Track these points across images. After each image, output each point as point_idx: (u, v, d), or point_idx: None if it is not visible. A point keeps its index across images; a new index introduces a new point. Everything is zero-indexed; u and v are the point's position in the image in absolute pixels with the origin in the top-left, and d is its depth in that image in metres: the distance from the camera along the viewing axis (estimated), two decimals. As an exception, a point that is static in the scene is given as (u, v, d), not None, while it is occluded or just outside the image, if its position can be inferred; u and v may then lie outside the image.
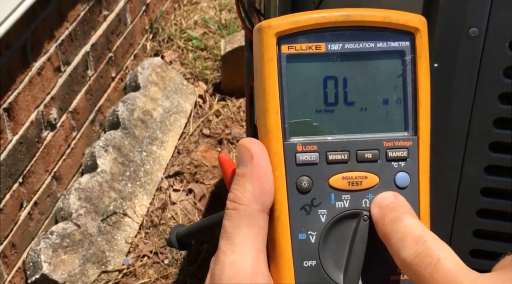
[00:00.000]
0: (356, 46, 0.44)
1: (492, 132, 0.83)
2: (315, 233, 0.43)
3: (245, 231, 0.42)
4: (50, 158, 2.04)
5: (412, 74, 0.45)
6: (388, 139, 0.45)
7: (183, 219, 2.22)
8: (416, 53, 0.45)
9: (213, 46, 2.92)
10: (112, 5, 2.43)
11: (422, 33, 0.45)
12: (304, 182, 0.43)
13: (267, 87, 0.43)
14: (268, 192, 0.42)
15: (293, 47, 0.44)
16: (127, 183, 2.22)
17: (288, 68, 0.44)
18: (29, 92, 1.89)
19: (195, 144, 2.50)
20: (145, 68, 2.57)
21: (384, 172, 0.44)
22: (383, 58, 0.45)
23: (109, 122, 2.39)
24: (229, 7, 3.14)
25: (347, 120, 0.45)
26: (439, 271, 0.37)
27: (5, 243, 1.82)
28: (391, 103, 0.45)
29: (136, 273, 2.06)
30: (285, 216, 0.43)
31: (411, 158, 0.45)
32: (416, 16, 0.45)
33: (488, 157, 0.85)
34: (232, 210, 0.42)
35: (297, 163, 0.43)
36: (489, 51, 0.80)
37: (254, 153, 0.43)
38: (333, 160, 0.44)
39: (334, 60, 0.44)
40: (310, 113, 0.44)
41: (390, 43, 0.45)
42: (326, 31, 0.44)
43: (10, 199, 1.83)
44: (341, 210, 0.44)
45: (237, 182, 0.43)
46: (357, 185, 0.44)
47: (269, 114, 0.43)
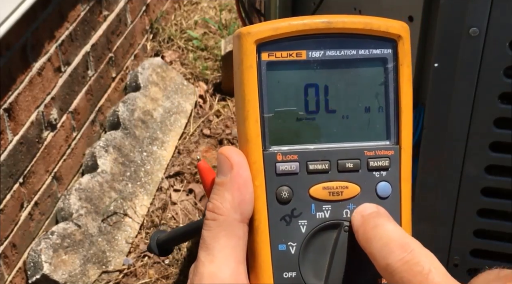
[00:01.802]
0: (338, 53, 0.44)
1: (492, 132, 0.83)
2: (295, 244, 0.43)
3: (223, 242, 0.41)
4: (51, 158, 2.04)
5: (394, 82, 0.44)
6: (370, 148, 0.44)
7: (183, 219, 2.22)
8: (398, 60, 0.44)
9: (214, 46, 2.92)
10: (112, 5, 2.43)
11: (404, 40, 0.44)
12: (284, 192, 0.43)
13: (246, 95, 0.43)
14: (247, 201, 0.42)
15: (273, 54, 0.43)
16: (127, 183, 2.22)
17: (268, 76, 0.43)
18: (30, 93, 1.89)
19: (195, 144, 2.50)
20: (145, 68, 2.57)
21: (365, 182, 0.44)
22: (365, 66, 0.44)
23: (109, 122, 2.39)
24: (230, 7, 3.14)
25: (328, 129, 0.44)
26: (430, 282, 0.37)
27: (5, 243, 1.82)
28: (373, 112, 0.44)
29: (136, 273, 2.06)
30: (265, 227, 0.42)
31: (392, 168, 0.44)
32: (398, 23, 0.45)
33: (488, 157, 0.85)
34: (211, 221, 0.42)
35: (277, 173, 0.43)
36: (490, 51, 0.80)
37: (234, 162, 0.42)
38: (314, 170, 0.43)
39: (315, 67, 0.44)
40: (290, 121, 0.44)
41: (372, 50, 0.44)
42: (307, 39, 0.43)
43: (11, 199, 1.83)
44: (322, 221, 0.43)
45: (216, 192, 0.42)
46: (338, 195, 0.43)
47: (248, 123, 0.43)
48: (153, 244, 0.69)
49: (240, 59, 0.43)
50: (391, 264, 0.39)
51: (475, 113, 0.83)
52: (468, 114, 0.83)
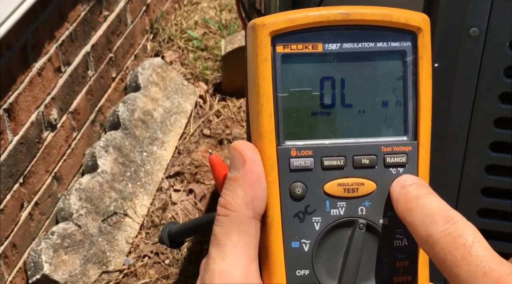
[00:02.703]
0: (355, 46, 0.42)
1: (492, 132, 0.83)
2: (308, 241, 0.42)
3: (235, 238, 0.40)
4: (51, 158, 2.04)
5: (413, 75, 0.43)
6: (387, 144, 0.43)
7: (183, 219, 2.22)
8: (417, 53, 0.43)
9: (214, 46, 2.92)
10: (112, 6, 2.43)
11: (424, 32, 0.43)
12: (298, 189, 0.42)
13: (260, 89, 0.41)
14: (260, 198, 0.41)
15: (288, 46, 0.42)
16: (127, 184, 2.22)
17: (283, 69, 0.42)
18: (30, 93, 1.89)
19: (195, 144, 2.50)
20: (145, 69, 2.57)
21: (381, 178, 0.42)
22: (383, 59, 0.43)
23: (109, 122, 2.39)
24: (230, 7, 3.14)
25: (344, 123, 0.43)
26: (473, 255, 0.36)
27: (6, 243, 1.82)
28: (390, 106, 0.43)
29: (137, 273, 2.06)
30: (278, 223, 0.41)
31: (410, 164, 0.43)
32: (418, 14, 0.43)
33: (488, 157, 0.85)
34: (223, 216, 0.41)
35: (291, 169, 0.42)
36: (490, 51, 0.80)
37: (247, 157, 0.41)
38: (329, 166, 0.42)
39: (331, 60, 0.42)
40: (305, 115, 0.42)
41: (390, 43, 0.43)
42: (323, 30, 0.42)
43: (11, 199, 1.83)
44: (336, 218, 0.42)
45: (228, 187, 0.41)
46: (353, 192, 0.42)
47: (262, 117, 0.41)
48: (165, 235, 0.69)
49: (254, 51, 0.42)
50: (432, 234, 0.38)
51: (475, 113, 0.83)
52: (468, 114, 0.83)
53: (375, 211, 0.42)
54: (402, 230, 0.42)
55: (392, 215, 0.42)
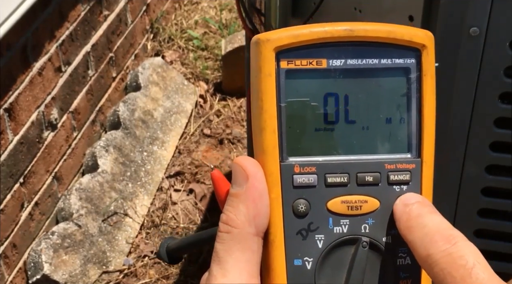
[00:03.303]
0: (359, 62, 0.42)
1: (492, 132, 0.83)
2: (311, 259, 0.41)
3: (237, 255, 0.40)
4: (51, 158, 2.04)
5: (417, 92, 0.43)
6: (390, 161, 0.42)
7: (184, 219, 2.22)
8: (422, 70, 0.43)
9: (214, 46, 2.92)
10: (112, 5, 2.43)
11: (428, 49, 0.43)
12: (301, 206, 0.41)
13: (264, 104, 0.41)
14: (263, 215, 0.40)
15: (292, 62, 0.42)
16: (128, 183, 2.22)
17: (287, 84, 0.42)
18: (30, 92, 1.89)
19: (196, 144, 2.50)
20: (145, 68, 2.57)
21: (385, 196, 0.42)
22: (387, 76, 0.43)
23: (110, 122, 2.39)
24: (230, 7, 3.14)
25: (347, 140, 0.43)
26: (473, 277, 0.36)
27: (6, 243, 1.82)
28: (394, 123, 0.43)
29: (137, 274, 2.06)
30: (280, 241, 0.41)
31: (413, 182, 0.43)
32: (422, 31, 0.43)
33: (488, 157, 0.85)
34: (225, 233, 0.40)
35: (294, 185, 0.41)
36: (490, 50, 0.80)
37: (250, 173, 0.41)
38: (332, 183, 0.42)
39: (335, 76, 0.42)
40: (309, 132, 0.42)
41: (394, 59, 0.43)
42: (327, 46, 0.42)
43: (11, 199, 1.83)
44: (339, 236, 0.42)
45: (231, 203, 0.41)
46: (356, 209, 0.42)
47: (265, 133, 0.41)
48: (163, 251, 0.68)
49: (258, 66, 0.41)
50: (432, 254, 0.37)
51: (475, 113, 0.83)
52: (469, 114, 0.83)
53: (378, 229, 0.42)
54: (405, 249, 0.42)
55: (395, 233, 0.42)
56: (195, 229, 2.20)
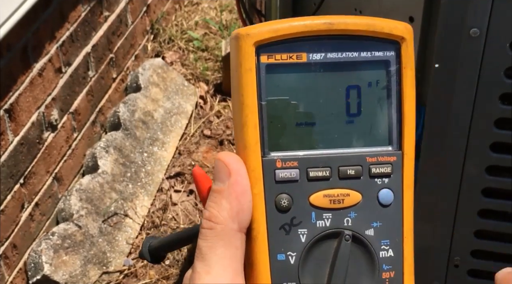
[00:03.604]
0: (339, 55, 0.42)
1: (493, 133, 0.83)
2: (294, 253, 0.41)
3: (220, 252, 0.40)
4: (51, 159, 2.04)
5: (397, 85, 0.43)
6: (372, 154, 0.43)
7: (184, 220, 2.22)
8: (401, 63, 0.43)
9: (214, 47, 2.92)
10: (113, 6, 2.43)
11: (408, 42, 0.43)
12: (284, 200, 0.41)
13: (245, 99, 0.41)
14: (245, 210, 0.40)
15: (272, 56, 0.42)
16: (128, 184, 2.22)
17: (267, 79, 0.41)
18: (30, 93, 1.89)
19: (196, 145, 2.50)
20: (146, 69, 2.57)
21: (367, 189, 0.42)
22: (367, 69, 0.43)
23: (110, 123, 2.39)
24: (230, 7, 3.14)
25: (329, 134, 0.43)
26: None
27: (6, 244, 1.82)
28: (374, 116, 0.43)
29: (137, 274, 2.06)
30: (263, 236, 0.41)
31: (395, 174, 0.43)
32: (401, 24, 0.43)
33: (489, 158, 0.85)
34: (208, 229, 0.40)
35: (276, 180, 0.41)
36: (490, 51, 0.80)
37: (232, 169, 0.41)
38: (314, 177, 0.42)
39: (315, 70, 0.42)
40: (290, 126, 0.42)
41: (374, 52, 0.43)
42: (307, 40, 0.42)
43: (11, 200, 1.83)
44: (322, 230, 0.42)
45: (213, 199, 0.41)
46: (339, 203, 0.42)
47: (247, 128, 0.41)
48: (145, 250, 0.68)
49: (238, 61, 0.42)
50: None
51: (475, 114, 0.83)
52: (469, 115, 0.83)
53: (361, 222, 0.42)
54: (387, 241, 0.43)
55: (377, 226, 0.42)
56: (195, 230, 2.20)
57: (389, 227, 0.43)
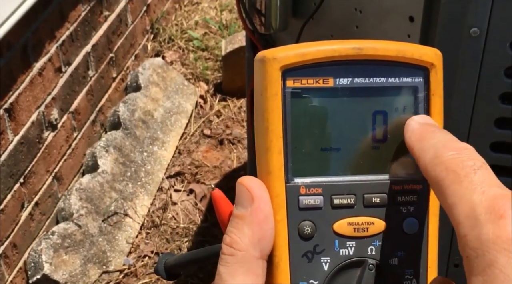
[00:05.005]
0: (366, 81, 0.41)
1: (493, 132, 0.83)
2: (317, 282, 0.40)
3: (241, 279, 0.39)
4: (51, 158, 2.04)
5: (425, 112, 0.42)
6: (397, 181, 0.42)
7: (184, 219, 2.22)
8: (430, 90, 0.42)
9: (214, 47, 2.92)
10: (113, 6, 2.43)
11: (437, 68, 0.42)
12: (307, 228, 0.40)
13: (270, 125, 0.40)
14: (268, 237, 0.39)
15: (299, 81, 0.40)
16: (128, 184, 2.22)
17: (293, 104, 0.41)
18: (30, 93, 1.89)
19: (196, 145, 2.50)
20: (146, 69, 2.57)
21: (391, 217, 0.41)
22: (395, 94, 0.42)
23: (110, 122, 2.39)
24: (230, 7, 3.14)
25: (354, 160, 0.42)
26: (477, 174, 0.35)
27: (6, 243, 1.82)
28: (401, 143, 0.42)
29: (137, 274, 2.06)
30: (285, 264, 0.40)
31: (420, 203, 0.42)
32: (431, 50, 0.42)
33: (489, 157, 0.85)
34: (229, 256, 0.39)
35: (300, 207, 0.40)
36: (490, 51, 0.80)
37: (255, 195, 0.40)
38: (339, 205, 0.41)
39: (342, 95, 0.41)
40: (315, 152, 0.41)
41: (402, 78, 0.42)
42: (335, 65, 0.41)
43: (11, 199, 1.83)
44: (345, 258, 0.41)
45: (235, 225, 0.40)
46: (363, 231, 0.41)
47: (271, 154, 0.40)
48: (161, 267, 0.68)
49: (263, 85, 0.40)
50: (441, 156, 0.36)
51: (475, 113, 0.83)
52: (469, 114, 0.83)
53: (384, 251, 0.42)
54: (411, 271, 0.42)
55: (401, 255, 0.42)
56: (195, 229, 2.20)
57: (413, 257, 0.42)
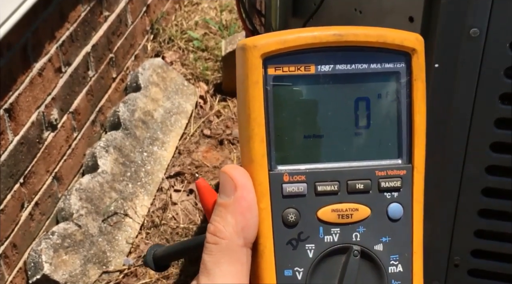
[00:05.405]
0: (348, 67, 0.41)
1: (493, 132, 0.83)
2: (302, 269, 0.40)
3: (225, 268, 0.39)
4: (51, 158, 2.04)
5: (407, 97, 0.42)
6: (381, 167, 0.42)
7: (184, 220, 2.22)
8: (412, 75, 0.42)
9: (214, 47, 2.92)
10: (113, 6, 2.43)
11: (419, 53, 0.42)
12: (291, 215, 0.40)
13: (252, 113, 0.40)
14: (251, 226, 0.40)
15: (280, 68, 0.40)
16: (128, 184, 2.22)
17: (274, 92, 0.40)
18: (30, 93, 1.89)
19: (196, 145, 2.50)
20: (146, 69, 2.57)
21: (376, 203, 0.41)
22: (377, 80, 0.42)
23: (110, 122, 2.39)
24: (230, 7, 3.14)
25: (337, 147, 0.42)
26: None
27: (6, 243, 1.82)
28: (384, 129, 0.42)
29: (137, 274, 2.06)
30: (270, 251, 0.40)
31: (404, 188, 0.42)
32: (413, 35, 0.42)
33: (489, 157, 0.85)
34: (213, 244, 0.39)
35: (283, 195, 0.40)
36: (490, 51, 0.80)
37: (238, 183, 0.40)
38: (322, 191, 0.41)
39: (324, 82, 0.41)
40: (298, 139, 0.41)
41: (384, 64, 0.42)
42: (316, 52, 0.41)
43: (11, 199, 1.83)
44: (330, 245, 0.41)
45: (218, 213, 0.40)
46: (347, 218, 0.41)
47: (253, 142, 0.40)
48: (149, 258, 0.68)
49: (245, 74, 0.40)
50: None
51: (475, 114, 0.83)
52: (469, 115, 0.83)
53: (369, 237, 0.42)
54: (396, 256, 0.42)
55: (386, 241, 0.42)
56: (195, 229, 2.20)
57: (398, 242, 0.42)
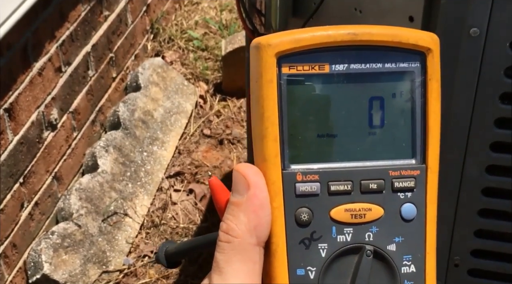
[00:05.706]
0: (363, 66, 0.41)
1: (493, 132, 0.83)
2: (314, 268, 0.40)
3: (238, 266, 0.39)
4: (51, 158, 2.04)
5: (422, 97, 0.42)
6: (395, 167, 0.41)
7: (183, 219, 2.22)
8: (427, 75, 0.42)
9: (214, 47, 2.92)
10: (113, 6, 2.43)
11: (434, 53, 0.42)
12: (304, 214, 0.40)
13: (265, 112, 0.40)
14: (264, 225, 0.40)
15: (294, 67, 0.40)
16: (127, 183, 2.22)
17: (288, 91, 0.40)
18: (30, 93, 1.89)
19: (196, 145, 2.50)
20: (146, 69, 2.57)
21: (389, 203, 0.41)
22: (391, 80, 0.42)
23: (110, 122, 2.39)
24: (230, 7, 3.14)
25: (351, 146, 0.41)
26: None
27: (6, 243, 1.82)
28: (398, 128, 0.42)
29: (137, 273, 2.06)
30: (283, 250, 0.40)
31: (418, 188, 0.42)
32: (428, 34, 0.42)
33: (489, 157, 0.85)
34: (225, 243, 0.39)
35: (296, 194, 0.40)
36: (490, 51, 0.80)
37: (251, 181, 0.40)
38: (335, 191, 0.41)
39: (338, 81, 0.41)
40: (311, 138, 0.41)
41: (399, 63, 0.41)
42: (330, 51, 0.40)
43: (11, 199, 1.83)
44: (343, 244, 0.41)
45: (231, 212, 0.40)
46: (360, 217, 0.41)
47: (267, 141, 0.40)
48: (162, 255, 0.68)
49: (259, 72, 0.40)
50: None
51: (475, 113, 0.83)
52: (469, 114, 0.83)
53: (382, 237, 0.41)
54: (409, 257, 0.42)
55: (399, 241, 0.41)
56: (195, 229, 2.20)
57: (412, 242, 0.42)
